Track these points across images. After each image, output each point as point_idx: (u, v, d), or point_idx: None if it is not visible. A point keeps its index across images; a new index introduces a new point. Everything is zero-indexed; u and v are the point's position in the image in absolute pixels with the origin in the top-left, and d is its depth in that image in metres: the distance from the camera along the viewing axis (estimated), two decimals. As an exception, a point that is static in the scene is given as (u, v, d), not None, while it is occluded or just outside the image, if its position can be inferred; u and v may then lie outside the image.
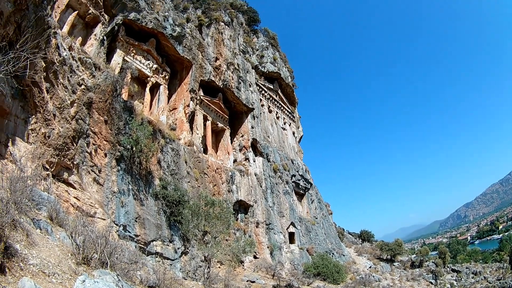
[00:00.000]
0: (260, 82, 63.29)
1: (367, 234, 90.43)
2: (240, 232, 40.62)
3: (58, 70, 23.09)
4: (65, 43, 24.98)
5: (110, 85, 28.41)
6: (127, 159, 29.15)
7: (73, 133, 23.84)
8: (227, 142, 51.92)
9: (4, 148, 18.87)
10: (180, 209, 31.26)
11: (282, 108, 70.53)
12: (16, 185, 14.51)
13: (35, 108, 21.09)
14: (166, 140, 35.75)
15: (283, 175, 55.71)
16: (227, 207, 33.59)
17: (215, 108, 50.98)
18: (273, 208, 48.84)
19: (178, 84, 45.67)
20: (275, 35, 76.21)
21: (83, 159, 24.79)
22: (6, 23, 18.38)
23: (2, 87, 16.46)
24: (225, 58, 51.65)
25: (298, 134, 74.86)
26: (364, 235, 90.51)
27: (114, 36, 36.60)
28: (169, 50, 43.76)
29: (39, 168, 20.49)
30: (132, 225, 26.73)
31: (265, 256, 41.90)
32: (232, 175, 44.99)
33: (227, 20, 56.73)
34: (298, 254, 48.17)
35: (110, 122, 28.35)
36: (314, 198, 64.74)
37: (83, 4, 31.47)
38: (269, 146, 56.29)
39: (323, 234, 59.04)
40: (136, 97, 39.35)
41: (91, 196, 24.12)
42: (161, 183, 32.14)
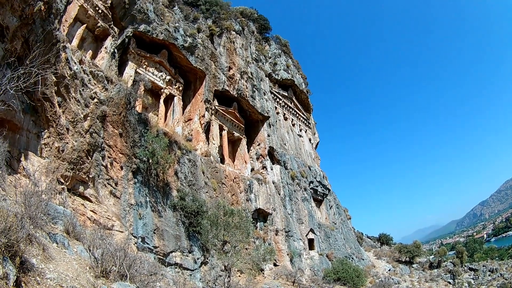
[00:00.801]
0: (274, 89, 63.03)
1: (385, 238, 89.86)
2: (259, 240, 40.27)
3: (70, 84, 23.02)
4: (75, 56, 24.98)
5: (123, 98, 28.34)
6: (144, 171, 29.00)
7: (87, 147, 23.72)
8: (244, 151, 51.66)
9: (16, 162, 18.74)
10: (199, 220, 31.07)
11: (298, 115, 70.21)
12: (30, 199, 14.31)
13: (47, 123, 20.97)
14: (182, 151, 35.48)
15: (301, 182, 55.34)
16: (246, 216, 33.36)
17: (231, 117, 50.68)
18: (292, 215, 48.48)
19: (192, 95, 45.47)
20: (287, 42, 76.07)
21: (99, 173, 24.64)
22: (13, 38, 18.25)
23: (12, 102, 16.21)
24: (238, 67, 51.45)
25: (314, 140, 74.52)
26: (383, 238, 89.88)
27: (125, 49, 36.45)
28: (181, 61, 43.55)
29: (54, 182, 20.32)
30: (151, 237, 26.52)
31: (285, 263, 41.48)
32: (250, 184, 44.67)
33: (238, 29, 56.62)
34: (318, 260, 47.85)
35: (125, 135, 28.23)
36: (332, 203, 64.34)
37: (91, 17, 31.49)
38: (286, 153, 55.99)
39: (342, 239, 58.71)
40: (150, 109, 39.21)
41: (108, 209, 23.98)
42: (179, 194, 31.89)
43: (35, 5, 19.12)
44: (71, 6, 29.48)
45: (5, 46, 17.89)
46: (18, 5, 17.98)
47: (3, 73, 17.47)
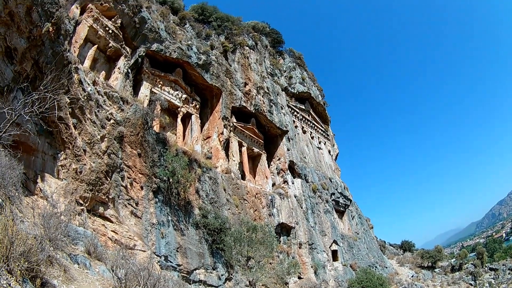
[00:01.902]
0: (291, 103, 62.72)
1: (408, 244, 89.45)
2: (283, 254, 39.81)
3: (84, 105, 23.06)
4: (88, 78, 24.99)
5: (140, 118, 28.25)
6: (165, 191, 28.82)
7: (106, 168, 23.57)
8: (265, 166, 51.21)
9: (33, 184, 18.62)
10: (222, 237, 30.78)
11: (316, 127, 69.83)
12: (49, 221, 14.21)
13: (63, 144, 20.88)
14: (202, 169, 35.27)
15: (323, 194, 54.87)
16: (269, 231, 33.21)
17: (249, 133, 50.34)
18: (315, 228, 48.10)
19: (210, 112, 45.29)
20: (301, 54, 75.67)
21: (119, 193, 24.48)
22: (22, 60, 18.04)
23: (26, 126, 15.81)
24: (254, 83, 51.20)
25: (334, 152, 74.04)
26: (405, 245, 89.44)
27: (138, 69, 36.40)
28: (196, 79, 43.41)
29: (73, 203, 20.20)
30: (174, 255, 26.28)
31: (310, 276, 41.04)
32: (272, 199, 44.29)
33: (251, 44, 56.44)
34: (342, 270, 47.56)
35: (144, 155, 28.12)
36: (354, 214, 63.85)
37: (102, 37, 31.51)
38: (306, 166, 55.56)
39: (365, 248, 58.27)
40: (168, 128, 39.03)
41: (129, 229, 23.81)
42: (201, 212, 31.73)
43: (43, 27, 18.97)
44: (80, 27, 29.51)
45: (14, 68, 17.75)
46: (25, 26, 17.81)
47: (15, 96, 17.24)
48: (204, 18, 52.36)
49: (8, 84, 17.37)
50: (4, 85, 17.14)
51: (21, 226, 12.45)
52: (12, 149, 14.87)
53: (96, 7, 31.35)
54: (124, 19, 33.77)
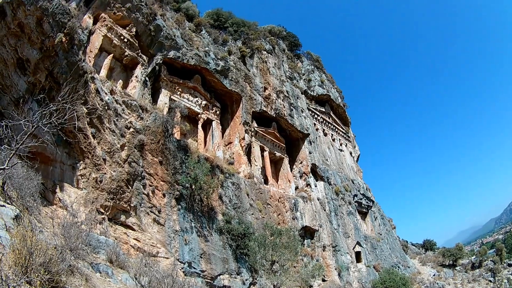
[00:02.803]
0: (312, 106, 62.36)
1: (429, 243, 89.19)
2: (307, 257, 39.55)
3: (103, 114, 23.10)
4: (105, 87, 24.98)
5: (160, 126, 28.27)
6: (187, 198, 28.72)
7: (127, 176, 23.51)
8: (287, 170, 50.80)
9: (51, 194, 18.65)
10: (246, 242, 30.56)
11: (337, 129, 69.40)
12: (69, 230, 14.32)
13: (82, 154, 20.86)
14: (225, 175, 35.07)
15: (345, 196, 54.55)
16: (294, 235, 32.90)
17: (271, 138, 50.01)
18: (338, 230, 47.83)
19: (230, 118, 45.11)
20: (319, 57, 75.34)
21: (141, 201, 24.40)
22: (36, 71, 17.96)
23: (43, 136, 15.56)
24: (273, 87, 50.96)
25: (355, 153, 73.52)
26: (427, 244, 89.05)
27: (156, 76, 36.24)
28: (215, 85, 43.22)
29: (93, 212, 20.17)
30: (198, 261, 26.21)
31: (334, 278, 40.84)
32: (295, 202, 44.01)
33: (268, 48, 56.18)
34: (366, 272, 47.36)
35: (165, 162, 28.06)
36: (377, 215, 63.37)
37: (117, 46, 31.41)
38: (329, 169, 55.16)
39: (388, 249, 58.00)
40: (189, 135, 38.87)
41: (152, 236, 23.72)
42: (225, 218, 31.54)
43: (55, 37, 18.90)
44: (94, 37, 29.37)
45: (28, 79, 17.70)
46: (36, 37, 17.71)
47: (30, 107, 17.04)
48: (220, 24, 52.32)
49: (23, 95, 17.26)
50: (18, 96, 17.11)
51: (40, 236, 12.25)
52: (29, 160, 14.75)
53: (109, 16, 31.29)
54: (138, 27, 33.69)
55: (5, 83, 16.86)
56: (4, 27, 16.41)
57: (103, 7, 30.87)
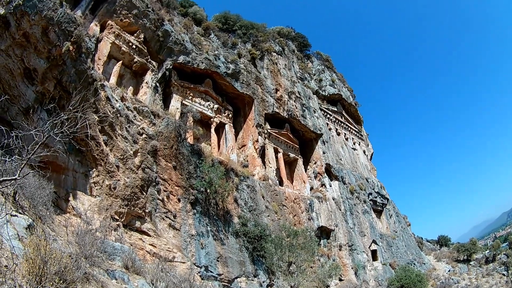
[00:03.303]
0: (324, 106, 62.23)
1: (444, 239, 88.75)
2: (324, 257, 39.49)
3: (114, 121, 23.10)
4: (115, 94, 24.99)
5: (173, 131, 28.20)
6: (203, 202, 28.73)
7: (141, 182, 23.50)
8: (301, 171, 50.66)
9: (64, 202, 18.66)
10: (262, 244, 30.46)
11: (349, 128, 69.28)
12: (84, 238, 14.30)
13: (94, 162, 20.85)
14: (240, 178, 34.94)
15: (360, 195, 54.51)
16: (310, 235, 32.93)
17: (284, 139, 49.93)
18: (354, 229, 47.80)
19: (243, 121, 45.06)
20: (329, 56, 75.26)
21: (156, 207, 24.38)
22: (44, 80, 17.91)
23: (55, 145, 15.42)
24: (284, 88, 50.89)
25: (369, 151, 73.29)
26: (442, 240, 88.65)
27: (167, 82, 36.26)
28: (227, 88, 43.15)
29: (108, 219, 20.12)
30: (214, 265, 26.18)
31: (350, 277, 40.72)
32: (311, 203, 43.89)
33: (278, 49, 56.15)
34: (382, 270, 47.22)
35: (179, 167, 28.02)
36: (392, 212, 63.20)
37: (126, 53, 31.35)
38: (343, 168, 55.05)
39: (403, 246, 57.84)
40: (202, 139, 38.79)
41: (168, 241, 23.65)
42: (241, 221, 31.51)
43: (62, 46, 18.84)
44: (102, 44, 29.32)
45: (36, 89, 17.68)
46: (42, 46, 17.65)
47: (39, 116, 16.93)
48: (228, 27, 52.20)
49: (32, 105, 17.21)
50: (26, 106, 17.09)
51: (54, 245, 12.10)
52: (40, 169, 14.61)
53: (116, 23, 31.27)
54: (146, 33, 33.60)
55: (12, 93, 16.83)
56: (8, 37, 16.40)
57: (109, 14, 30.87)
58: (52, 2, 18.48)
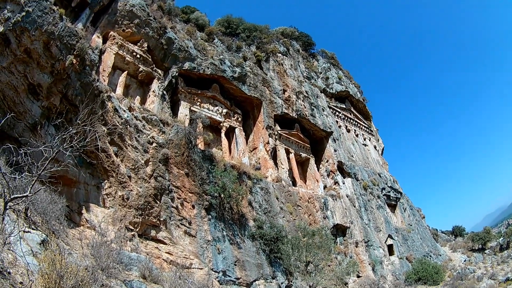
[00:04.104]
0: (332, 104, 62.08)
1: (458, 230, 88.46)
2: (341, 255, 39.40)
3: (123, 132, 23.12)
4: (123, 104, 25.06)
5: (183, 138, 28.12)
6: (217, 207, 28.73)
7: (154, 191, 23.46)
8: (314, 170, 50.45)
9: (77, 216, 18.63)
10: (279, 245, 30.39)
11: (359, 125, 69.15)
12: (99, 250, 14.30)
13: (106, 173, 20.84)
14: (253, 181, 34.91)
15: (374, 191, 54.32)
16: (326, 234, 32.79)
17: (295, 139, 49.82)
18: (369, 225, 47.63)
19: (253, 124, 45.00)
20: (334, 54, 75.00)
21: (170, 215, 24.30)
22: (49, 95, 17.91)
23: (65, 161, 15.25)
24: (292, 88, 50.74)
25: (379, 146, 73.04)
26: (456, 231, 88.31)
27: (174, 89, 36.26)
28: (234, 92, 43.04)
29: (123, 230, 20.08)
30: (232, 269, 26.16)
31: (368, 273, 40.58)
32: (325, 201, 43.85)
33: (283, 50, 56.07)
34: (399, 264, 47.14)
35: (192, 174, 27.97)
36: (406, 206, 63.00)
37: (131, 63, 31.32)
38: (355, 165, 54.91)
39: (419, 239, 57.66)
40: (213, 144, 38.76)
41: (184, 248, 23.60)
42: (256, 224, 31.45)
43: (65, 60, 18.80)
44: (106, 55, 29.31)
45: (41, 104, 17.67)
46: (45, 61, 17.59)
47: (47, 131, 16.85)
48: (232, 30, 52.19)
49: (38, 120, 17.14)
50: (33, 121, 17.04)
51: (69, 258, 12.11)
52: (51, 184, 14.49)
53: (119, 33, 31.27)
54: (150, 42, 33.52)
55: (18, 109, 16.80)
56: (10, 54, 16.38)
57: (110, 25, 30.89)
58: (51, 17, 18.48)
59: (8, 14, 16.36)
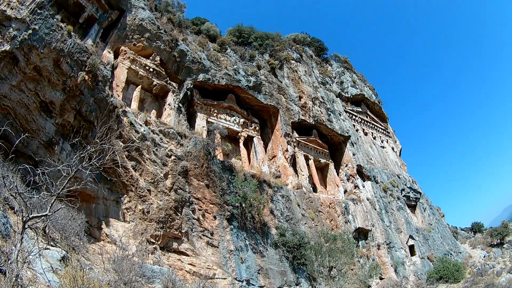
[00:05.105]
0: (348, 108, 61.88)
1: (477, 226, 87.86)
2: (363, 258, 39.18)
3: (140, 146, 23.16)
4: (138, 119, 25.10)
5: (201, 150, 28.17)
6: (239, 217, 28.72)
7: (174, 204, 23.42)
8: (334, 175, 50.24)
9: (97, 231, 18.63)
10: (302, 252, 30.25)
11: (376, 127, 68.88)
12: (121, 264, 14.34)
13: (125, 188, 20.77)
14: (273, 189, 34.83)
15: (393, 192, 54.03)
16: (348, 238, 33.26)
17: (313, 145, 49.63)
18: (390, 227, 47.36)
19: (271, 132, 44.88)
20: (346, 58, 74.69)
21: (192, 226, 24.32)
22: (62, 112, 17.85)
23: (85, 179, 15.06)
24: (308, 95, 50.54)
25: (397, 148, 72.68)
26: (475, 227, 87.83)
27: (189, 101, 36.20)
28: (250, 101, 42.93)
29: (144, 243, 20.09)
30: (255, 278, 26.13)
31: (390, 275, 40.31)
32: (346, 206, 43.76)
33: (296, 57, 55.91)
34: (420, 264, 46.81)
35: (212, 185, 27.97)
36: (425, 205, 62.66)
37: (144, 77, 31.26)
38: (374, 168, 54.67)
39: (439, 238, 57.25)
40: (231, 155, 38.67)
41: (207, 259, 23.61)
42: (278, 231, 31.41)
43: (77, 76, 18.77)
44: (119, 70, 29.25)
45: (55, 121, 17.64)
46: (56, 78, 17.52)
47: (62, 147, 16.70)
48: (244, 40, 52.07)
49: (53, 137, 16.99)
50: (47, 139, 16.98)
51: (91, 274, 12.24)
52: (69, 200, 14.23)
53: (130, 48, 31.20)
54: (162, 55, 33.43)
55: (31, 127, 16.75)
56: (19, 72, 16.37)
57: (121, 40, 30.87)
58: (59, 34, 18.52)
59: (14, 32, 16.39)
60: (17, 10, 16.77)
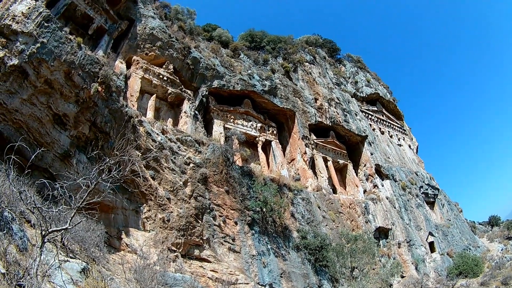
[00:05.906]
0: (363, 107, 61.61)
1: (495, 219, 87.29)
2: (384, 257, 38.92)
3: (158, 155, 22.95)
4: (155, 128, 25.07)
5: (220, 156, 28.04)
6: (260, 221, 28.56)
7: (195, 211, 23.31)
8: (353, 175, 49.91)
9: (117, 241, 18.51)
10: (324, 254, 29.98)
11: (392, 125, 68.50)
12: (143, 273, 14.30)
13: (144, 197, 20.68)
14: (293, 192, 34.63)
15: (412, 190, 53.72)
16: (369, 238, 33.18)
17: (331, 147, 49.35)
18: (410, 225, 47.06)
19: (288, 135, 44.71)
20: (359, 57, 74.37)
21: (213, 233, 24.19)
22: (76, 124, 17.71)
23: (102, 190, 14.93)
24: (323, 96, 50.34)
25: (414, 145, 72.21)
26: (493, 220, 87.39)
27: (205, 108, 36.16)
28: (266, 105, 42.74)
29: (165, 251, 19.90)
30: (278, 282, 25.94)
31: (411, 273, 40.09)
32: (366, 205, 43.55)
33: (309, 58, 55.72)
34: (440, 260, 46.38)
35: (232, 191, 27.83)
36: (443, 202, 62.12)
37: (158, 86, 31.15)
38: (392, 166, 54.35)
39: (458, 233, 56.80)
40: (250, 160, 38.52)
41: (229, 265, 23.48)
42: (300, 234, 31.14)
43: (90, 88, 18.63)
44: (132, 80, 29.19)
45: (70, 134, 17.51)
46: (69, 91, 17.39)
47: (77, 159, 16.54)
48: (256, 44, 51.97)
49: (68, 150, 16.84)
50: (62, 151, 16.79)
51: (112, 284, 12.29)
52: (88, 212, 14.01)
53: (142, 57, 31.12)
54: (175, 63, 33.31)
55: (44, 140, 16.60)
56: (29, 86, 16.25)
57: (133, 50, 30.82)
58: (69, 46, 18.42)
59: (21, 46, 16.25)
60: (23, 24, 16.71)
